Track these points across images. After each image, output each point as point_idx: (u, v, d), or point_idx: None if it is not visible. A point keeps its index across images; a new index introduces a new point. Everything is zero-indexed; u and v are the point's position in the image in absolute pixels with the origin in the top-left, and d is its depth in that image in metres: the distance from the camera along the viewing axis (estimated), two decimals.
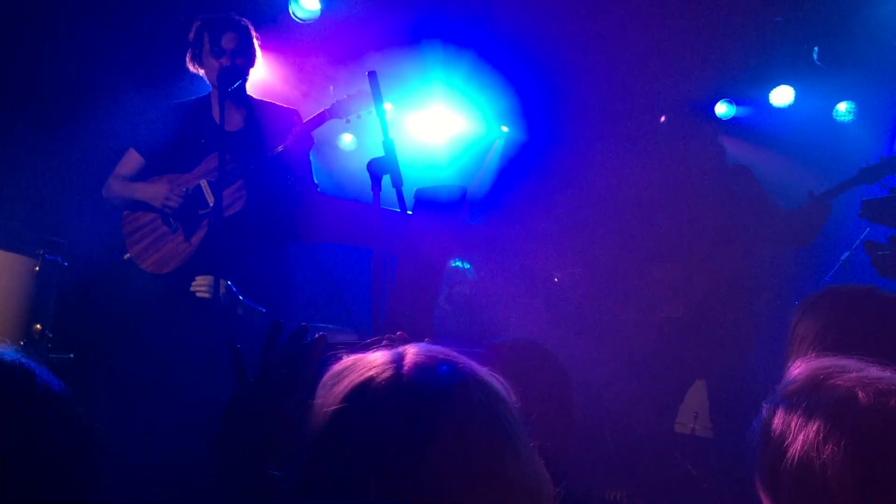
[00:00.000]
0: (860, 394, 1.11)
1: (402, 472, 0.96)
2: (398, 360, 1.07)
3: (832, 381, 1.15)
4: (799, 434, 1.14)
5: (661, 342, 4.78)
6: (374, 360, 1.08)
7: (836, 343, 1.66)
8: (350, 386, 1.05)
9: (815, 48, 5.60)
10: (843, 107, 5.93)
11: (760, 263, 4.84)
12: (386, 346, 1.44)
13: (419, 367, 1.05)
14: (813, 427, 1.12)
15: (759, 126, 5.94)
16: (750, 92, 6.01)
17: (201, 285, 3.57)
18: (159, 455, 3.77)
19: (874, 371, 1.15)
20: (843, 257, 5.29)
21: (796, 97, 5.88)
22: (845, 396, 1.12)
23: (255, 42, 3.88)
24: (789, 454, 1.14)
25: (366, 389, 1.04)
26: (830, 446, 1.09)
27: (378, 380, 1.04)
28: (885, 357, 1.23)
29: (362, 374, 1.05)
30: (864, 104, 5.88)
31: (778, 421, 1.18)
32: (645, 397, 4.84)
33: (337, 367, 1.10)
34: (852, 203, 4.68)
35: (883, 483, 1.06)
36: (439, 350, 1.10)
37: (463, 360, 1.09)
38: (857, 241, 5.15)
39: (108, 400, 4.18)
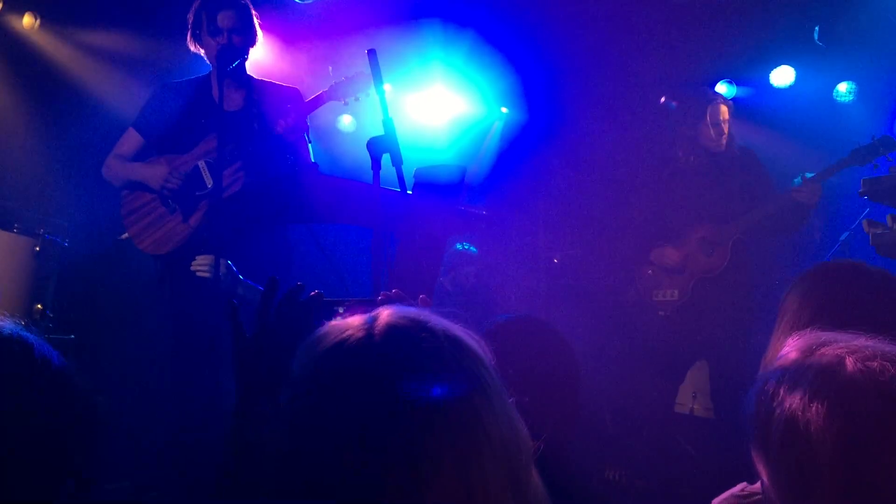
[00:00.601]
0: (848, 359, 1.14)
1: (375, 432, 0.97)
2: (371, 322, 1.08)
3: (822, 349, 1.18)
4: (786, 397, 1.16)
5: (661, 323, 4.79)
6: (349, 324, 1.08)
7: (821, 315, 1.68)
8: (323, 349, 1.06)
9: (816, 28, 5.58)
10: (843, 87, 5.91)
11: (760, 244, 4.84)
12: (381, 304, 1.45)
13: (391, 327, 1.06)
14: (800, 390, 1.15)
15: (759, 106, 5.93)
16: (750, 72, 5.99)
17: (202, 265, 3.57)
18: (160, 432, 3.79)
19: (863, 340, 1.18)
20: (842, 237, 5.29)
21: (797, 77, 5.86)
22: (833, 361, 1.15)
23: (255, 21, 3.85)
24: (776, 416, 1.16)
25: (338, 352, 1.04)
26: (815, 406, 1.12)
27: (350, 342, 1.05)
28: (871, 329, 1.25)
29: (336, 337, 1.06)
30: (865, 85, 5.87)
31: (769, 388, 1.20)
32: (644, 378, 4.86)
33: (316, 333, 1.11)
34: (852, 183, 4.68)
35: (864, 443, 1.08)
36: (412, 310, 1.10)
37: (436, 318, 1.09)
38: (857, 222, 5.15)
39: (109, 379, 4.20)
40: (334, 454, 0.98)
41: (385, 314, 1.09)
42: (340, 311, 1.50)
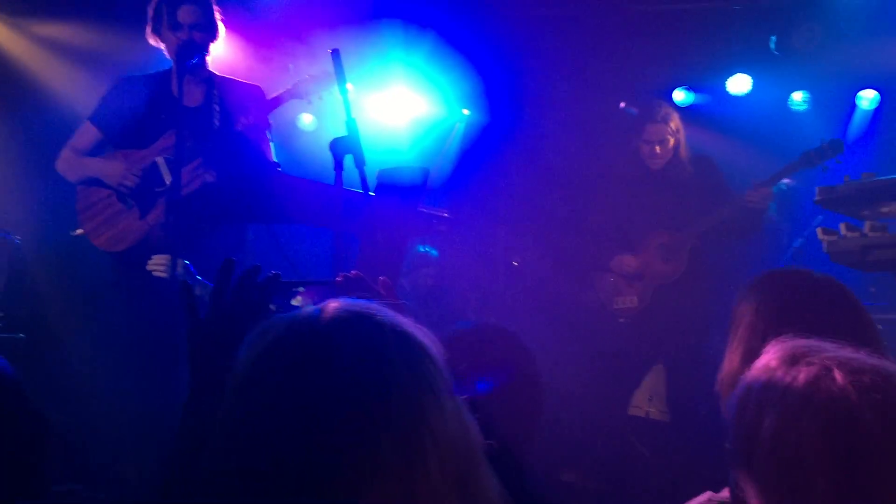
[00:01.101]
0: (836, 371, 1.14)
1: (315, 428, 0.94)
2: (317, 314, 1.05)
3: (808, 358, 1.18)
4: (775, 408, 1.15)
5: (622, 329, 4.82)
6: (296, 315, 1.05)
7: (776, 323, 1.70)
8: (268, 340, 1.03)
9: (773, 38, 5.68)
10: (798, 96, 6.05)
11: (716, 250, 4.91)
12: (340, 286, 1.43)
13: (336, 320, 1.03)
14: (789, 401, 1.14)
15: (716, 113, 6.03)
16: (708, 80, 6.09)
17: (158, 264, 3.51)
18: (114, 433, 3.72)
19: (847, 352, 1.18)
20: (795, 244, 5.40)
21: (753, 86, 5.97)
22: (822, 373, 1.15)
23: (217, 16, 3.79)
24: (765, 427, 1.15)
25: (282, 343, 1.02)
26: (806, 419, 1.11)
27: (294, 333, 1.02)
28: (818, 335, 1.27)
29: (282, 328, 1.03)
30: (819, 94, 6.00)
31: (754, 396, 1.20)
32: (602, 381, 4.90)
33: (263, 323, 1.07)
34: (806, 190, 4.78)
35: (859, 459, 1.08)
36: (361, 303, 1.07)
37: (385, 312, 1.06)
38: (810, 229, 5.25)
39: (61, 379, 4.11)
40: (274, 449, 0.95)
41: (332, 306, 1.06)
42: (301, 290, 1.48)
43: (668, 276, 4.75)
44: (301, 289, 1.52)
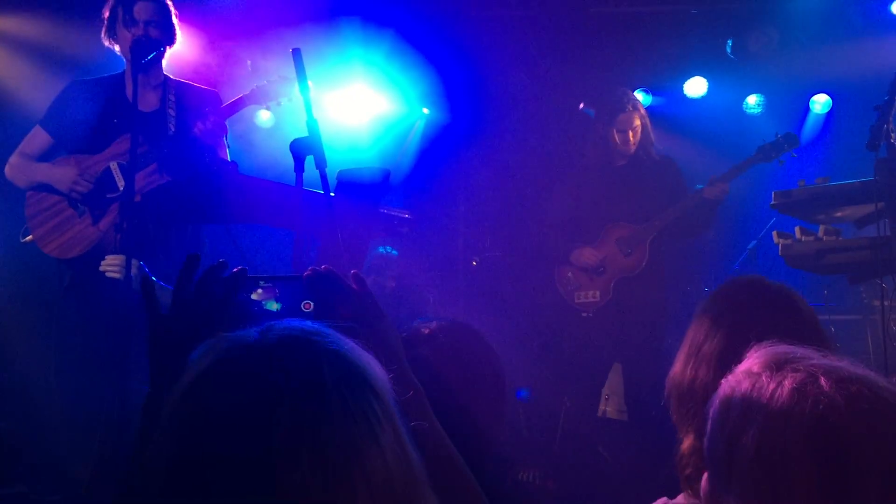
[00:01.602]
0: (822, 378, 1.13)
1: (242, 459, 0.90)
2: (255, 339, 1.00)
3: (794, 364, 1.18)
4: (759, 414, 1.14)
5: (584, 324, 4.85)
6: (237, 338, 1.01)
7: (728, 332, 1.72)
8: (205, 364, 0.99)
9: (729, 42, 5.77)
10: (752, 99, 6.15)
11: (673, 249, 4.97)
12: (307, 281, 1.39)
13: (274, 346, 0.98)
14: (774, 408, 1.13)
15: (673, 115, 6.11)
16: (665, 82, 6.17)
17: (112, 265, 3.42)
18: (67, 437, 3.64)
19: (832, 360, 1.18)
20: (749, 246, 5.49)
21: (709, 89, 6.07)
22: (808, 380, 1.14)
23: (174, 19, 3.71)
24: (748, 434, 1.14)
25: (217, 368, 0.97)
26: (792, 426, 1.10)
27: (230, 360, 0.98)
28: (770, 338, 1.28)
29: (221, 351, 0.99)
30: (773, 97, 6.11)
31: (737, 402, 1.18)
32: (560, 380, 4.92)
33: (217, 337, 1.03)
34: (760, 193, 4.85)
35: (842, 463, 1.08)
36: (305, 328, 1.02)
37: (328, 337, 1.01)
38: (764, 231, 5.34)
39: (10, 386, 4.01)
40: (196, 478, 0.91)
41: (276, 328, 1.02)
42: (259, 291, 1.44)
43: (631, 270, 4.79)
44: (262, 283, 1.47)
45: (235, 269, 1.42)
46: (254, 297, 1.44)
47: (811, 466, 1.08)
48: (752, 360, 1.23)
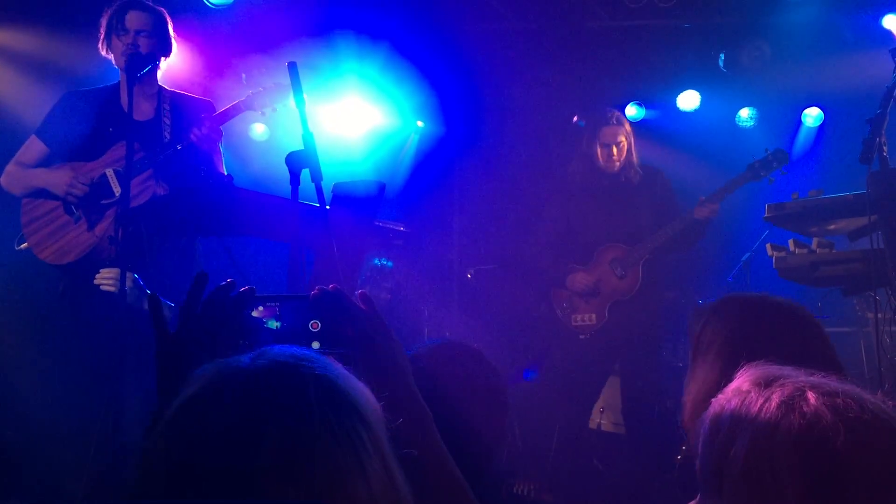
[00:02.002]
0: (809, 392, 1.15)
1: (224, 487, 0.88)
2: (243, 366, 0.98)
3: (782, 381, 1.20)
4: (747, 429, 1.16)
5: (582, 346, 4.82)
6: (226, 364, 1.00)
7: (742, 347, 1.72)
8: (193, 390, 0.97)
9: (721, 56, 5.80)
10: (745, 113, 6.19)
11: (667, 263, 4.97)
12: (314, 299, 1.39)
13: (260, 374, 0.96)
14: (762, 421, 1.15)
15: (666, 128, 6.13)
16: (658, 95, 6.20)
17: (107, 278, 3.42)
18: (58, 450, 3.62)
19: (818, 377, 1.20)
20: (743, 258, 5.50)
21: (702, 102, 6.10)
22: (795, 394, 1.16)
23: (170, 31, 3.73)
24: (737, 447, 1.15)
25: (204, 394, 0.96)
26: (779, 439, 1.12)
27: (215, 388, 0.96)
28: (789, 362, 1.28)
29: (208, 377, 0.98)
30: (765, 111, 6.15)
31: (726, 418, 1.20)
32: (555, 393, 4.91)
33: (202, 367, 1.02)
34: (753, 205, 4.87)
35: (829, 474, 1.09)
36: (294, 353, 1.00)
37: (318, 364, 0.99)
38: (757, 243, 5.36)
39: (4, 398, 3.98)
40: (193, 485, 0.90)
41: (271, 354, 1.00)
42: (260, 309, 1.43)
43: (625, 293, 4.77)
44: (262, 306, 1.47)
45: (243, 289, 1.42)
46: (254, 314, 1.44)
47: (799, 477, 1.10)
48: (742, 379, 1.25)
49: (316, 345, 1.40)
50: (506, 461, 4.77)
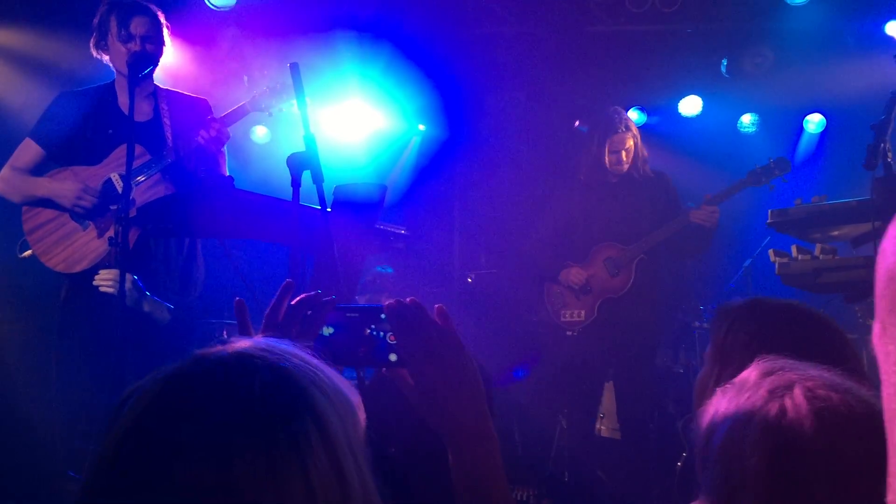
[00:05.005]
0: (798, 385, 1.17)
1: (203, 486, 0.86)
2: (218, 352, 0.96)
3: (780, 373, 1.21)
4: (734, 412, 1.18)
5: (570, 343, 4.83)
6: (209, 351, 0.97)
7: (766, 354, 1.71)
8: (172, 369, 0.95)
9: (724, 61, 5.79)
10: (747, 118, 6.18)
11: (666, 267, 4.95)
12: (388, 310, 1.38)
13: (224, 361, 0.94)
14: (746, 405, 1.17)
15: (668, 133, 6.12)
16: (660, 101, 6.19)
17: (106, 279, 3.39)
18: (64, 454, 3.60)
19: (822, 371, 1.21)
20: (745, 264, 5.49)
21: (704, 107, 6.09)
22: (783, 384, 1.18)
23: (165, 30, 3.71)
24: (722, 428, 1.18)
25: (178, 374, 0.94)
26: (755, 423, 1.14)
27: (194, 365, 0.94)
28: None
29: (193, 358, 0.96)
30: (767, 116, 6.14)
31: (723, 402, 1.22)
32: (554, 398, 4.90)
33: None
34: (755, 211, 4.86)
35: (791, 463, 1.11)
36: (261, 344, 0.98)
37: (271, 355, 0.96)
38: (759, 249, 5.34)
39: (7, 399, 3.97)
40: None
41: (245, 345, 0.98)
42: (348, 314, 1.44)
43: (616, 291, 4.77)
44: (350, 314, 1.48)
45: (326, 299, 1.43)
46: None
47: (763, 460, 1.11)
48: (750, 370, 1.26)
49: (393, 357, 1.39)
50: (505, 467, 4.75)
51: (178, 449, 0.87)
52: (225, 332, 4.72)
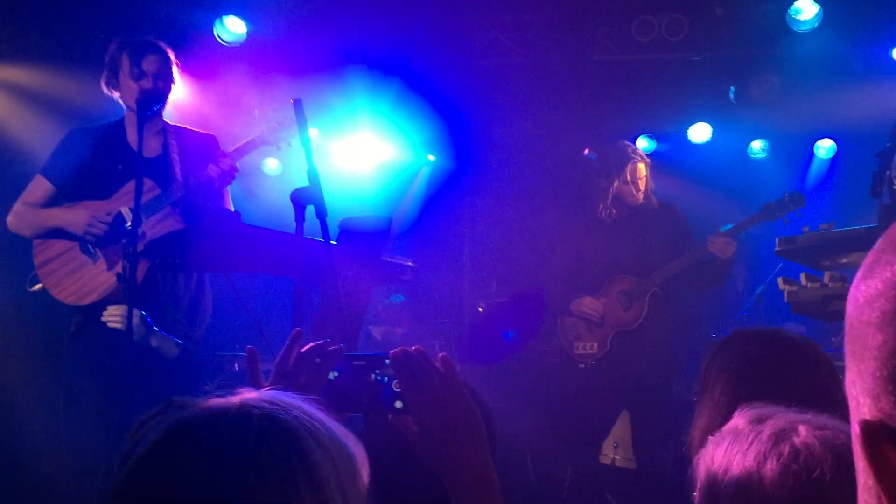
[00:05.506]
0: (801, 426, 1.17)
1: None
2: (226, 402, 0.97)
3: (775, 417, 1.21)
4: (741, 458, 1.17)
5: (583, 375, 4.79)
6: (199, 404, 0.98)
7: (749, 383, 1.72)
8: (170, 424, 0.96)
9: (732, 88, 5.79)
10: (757, 145, 6.17)
11: (679, 298, 4.92)
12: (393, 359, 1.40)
13: (214, 416, 0.95)
14: (753, 451, 1.17)
15: (677, 161, 6.12)
16: (669, 128, 6.20)
17: (114, 315, 3.42)
18: (69, 485, 3.60)
19: (810, 415, 1.22)
20: (757, 291, 5.45)
21: (713, 134, 6.09)
22: (786, 427, 1.18)
23: (175, 68, 3.76)
24: (730, 476, 1.17)
25: (184, 422, 0.95)
26: (770, 465, 1.14)
27: (197, 415, 0.95)
28: (795, 399, 1.29)
29: (199, 407, 0.97)
30: (777, 142, 6.13)
31: (722, 451, 1.21)
32: (567, 429, 4.86)
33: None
34: (768, 238, 4.83)
35: (813, 494, 1.11)
36: (266, 397, 0.99)
37: (265, 407, 0.96)
38: (771, 276, 5.31)
39: (16, 434, 3.98)
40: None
41: (253, 398, 0.98)
42: (355, 362, 1.47)
43: (629, 324, 4.73)
44: (357, 362, 1.51)
45: (333, 347, 1.47)
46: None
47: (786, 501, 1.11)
48: (738, 418, 1.26)
49: (399, 404, 1.43)
50: (520, 499, 4.72)
51: (176, 499, 0.89)
52: (236, 365, 4.74)
